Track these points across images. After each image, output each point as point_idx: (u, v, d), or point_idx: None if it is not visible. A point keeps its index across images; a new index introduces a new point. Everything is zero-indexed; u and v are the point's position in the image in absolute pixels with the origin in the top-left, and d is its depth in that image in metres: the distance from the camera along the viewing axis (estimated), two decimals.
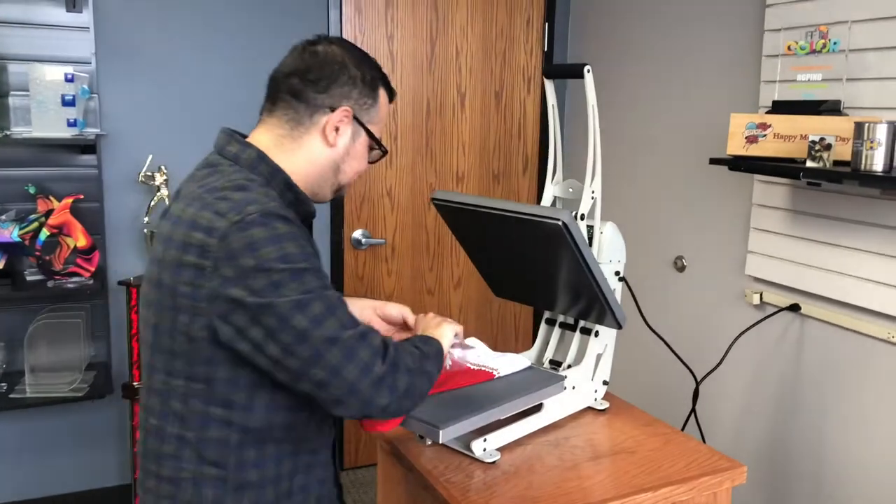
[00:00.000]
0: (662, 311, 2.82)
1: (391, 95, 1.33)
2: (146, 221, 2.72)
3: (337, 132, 1.25)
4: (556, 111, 1.77)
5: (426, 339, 1.34)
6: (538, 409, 1.61)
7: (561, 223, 1.43)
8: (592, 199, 1.66)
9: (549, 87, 1.77)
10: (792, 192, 2.29)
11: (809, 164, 1.93)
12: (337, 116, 1.24)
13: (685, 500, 1.45)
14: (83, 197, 2.65)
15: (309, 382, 1.10)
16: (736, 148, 2.13)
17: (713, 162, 2.22)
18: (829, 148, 1.89)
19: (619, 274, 1.73)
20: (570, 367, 1.74)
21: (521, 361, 1.67)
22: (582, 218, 1.64)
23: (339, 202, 3.12)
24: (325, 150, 1.26)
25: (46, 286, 2.57)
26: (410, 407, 1.20)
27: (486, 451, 1.49)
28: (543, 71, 2.02)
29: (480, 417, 1.44)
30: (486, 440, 1.49)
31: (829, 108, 2.02)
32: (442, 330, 1.42)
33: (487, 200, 1.57)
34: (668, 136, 2.87)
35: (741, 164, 2.13)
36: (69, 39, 2.65)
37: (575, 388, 1.69)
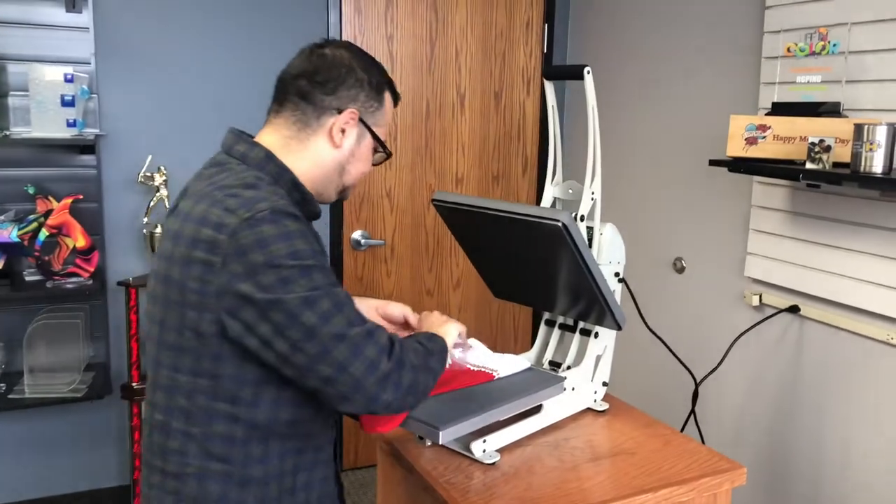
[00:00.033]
0: (662, 312, 2.82)
1: (396, 100, 1.35)
2: (145, 222, 2.72)
3: (343, 134, 1.27)
4: (555, 112, 1.77)
5: (431, 336, 1.35)
6: (538, 410, 1.61)
7: (561, 224, 1.43)
8: (592, 200, 1.66)
9: (548, 88, 1.77)
10: (791, 193, 2.29)
11: (809, 165, 1.93)
12: (343, 118, 1.26)
13: (685, 501, 1.45)
14: (82, 197, 2.65)
15: (316, 378, 1.12)
16: (735, 149, 2.13)
17: (713, 163, 2.23)
18: (828, 150, 1.89)
19: (618, 275, 1.73)
20: (569, 368, 1.74)
21: (520, 362, 1.67)
22: (582, 219, 1.64)
23: (338, 203, 3.12)
24: (331, 151, 1.27)
25: (45, 286, 2.57)
26: (413, 403, 1.21)
27: (485, 452, 1.49)
28: (543, 72, 2.02)
29: (480, 418, 1.44)
30: (485, 441, 1.49)
31: (828, 109, 2.02)
32: (447, 328, 1.44)
33: (487, 201, 1.57)
34: (667, 137, 2.87)
35: (741, 165, 2.13)
36: (69, 40, 2.65)
37: (574, 389, 1.69)
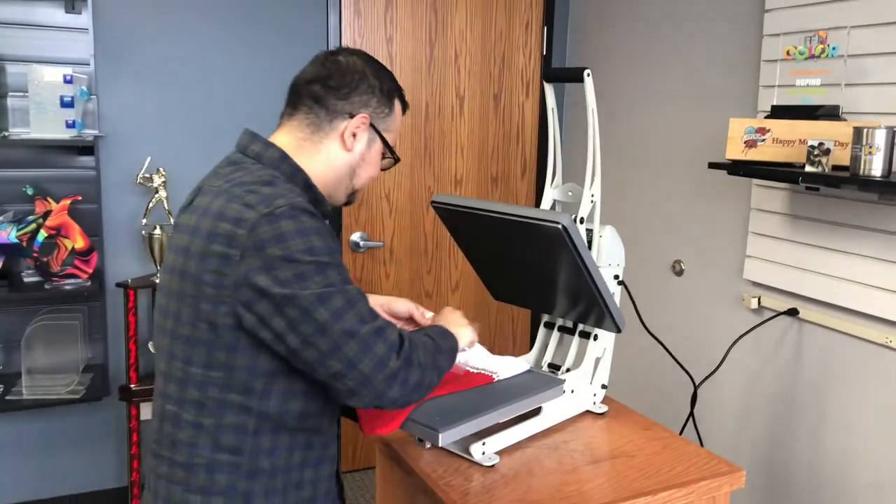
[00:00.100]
0: (661, 314, 2.82)
1: (405, 107, 1.40)
2: (144, 223, 2.72)
3: (354, 138, 1.31)
4: (555, 115, 1.77)
5: (444, 333, 1.38)
6: (537, 412, 1.61)
7: (561, 226, 1.43)
8: (592, 202, 1.66)
9: (548, 90, 1.77)
10: (790, 196, 2.29)
11: (808, 168, 1.93)
12: (355, 122, 1.30)
13: None
14: (81, 198, 2.65)
15: (326, 372, 1.15)
16: (735, 152, 2.13)
17: (712, 166, 2.23)
18: (827, 153, 1.89)
19: (618, 278, 1.73)
20: (568, 370, 1.74)
21: (520, 365, 1.67)
22: (581, 221, 1.64)
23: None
24: (342, 154, 1.31)
25: (44, 288, 2.57)
26: (418, 399, 1.25)
27: (485, 454, 1.49)
28: (543, 74, 2.02)
29: (479, 421, 1.44)
30: (485, 443, 1.49)
31: (827, 112, 2.02)
32: (463, 331, 1.47)
33: (487, 204, 1.57)
34: (667, 140, 2.87)
35: (740, 168, 2.14)
36: (68, 41, 2.65)
37: (574, 391, 1.69)
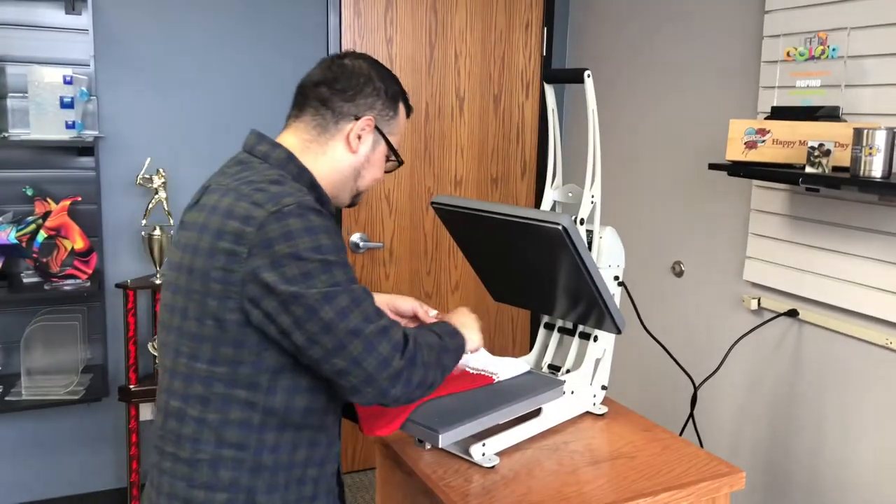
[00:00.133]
0: (661, 316, 2.82)
1: (409, 111, 1.41)
2: (144, 224, 2.72)
3: (359, 139, 1.32)
4: (555, 115, 1.77)
5: (454, 332, 1.39)
6: (537, 413, 1.61)
7: (561, 227, 1.43)
8: (592, 203, 1.66)
9: (549, 91, 1.77)
10: (790, 197, 2.29)
11: (808, 169, 1.93)
12: (360, 125, 1.31)
13: None
14: (81, 199, 2.65)
15: (330, 369, 1.16)
16: (735, 153, 2.13)
17: (712, 167, 2.23)
18: (828, 154, 1.89)
19: (618, 279, 1.73)
20: (568, 371, 1.74)
21: (520, 366, 1.67)
22: (581, 222, 1.64)
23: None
24: (347, 155, 1.32)
25: (43, 288, 2.57)
26: (420, 395, 1.26)
27: (485, 455, 1.49)
28: (543, 75, 2.02)
29: (480, 422, 1.44)
30: (485, 445, 1.49)
31: (827, 113, 2.02)
32: (472, 334, 1.48)
33: (488, 205, 1.57)
34: (667, 141, 2.87)
35: (740, 169, 2.14)
36: (68, 41, 2.65)
37: (574, 392, 1.69)
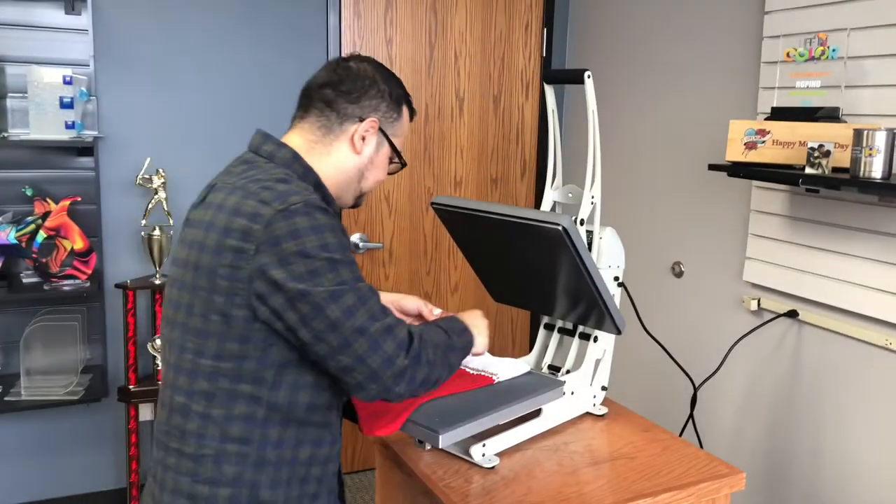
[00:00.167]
0: (660, 316, 2.82)
1: (412, 114, 1.43)
2: (144, 224, 2.71)
3: (363, 141, 1.34)
4: (555, 116, 1.77)
5: (462, 330, 1.41)
6: (537, 414, 1.60)
7: (561, 228, 1.43)
8: (592, 204, 1.66)
9: (549, 92, 1.77)
10: (790, 198, 2.29)
11: (808, 170, 1.93)
12: (365, 126, 1.33)
13: None
14: (80, 199, 2.65)
15: (335, 366, 1.18)
16: (735, 154, 2.13)
17: (712, 168, 2.23)
18: (827, 155, 1.89)
19: (618, 279, 1.73)
20: (568, 372, 1.74)
21: (520, 366, 1.67)
22: (582, 223, 1.64)
23: None
24: (351, 156, 1.34)
25: (43, 288, 2.57)
26: (424, 392, 1.27)
27: (485, 456, 1.49)
28: (543, 76, 2.02)
29: (480, 422, 1.44)
30: (485, 445, 1.49)
31: (827, 114, 2.02)
32: (480, 337, 1.49)
33: (488, 205, 1.57)
34: (667, 142, 2.87)
35: (740, 170, 2.14)
36: (68, 42, 2.65)
37: (574, 393, 1.69)
